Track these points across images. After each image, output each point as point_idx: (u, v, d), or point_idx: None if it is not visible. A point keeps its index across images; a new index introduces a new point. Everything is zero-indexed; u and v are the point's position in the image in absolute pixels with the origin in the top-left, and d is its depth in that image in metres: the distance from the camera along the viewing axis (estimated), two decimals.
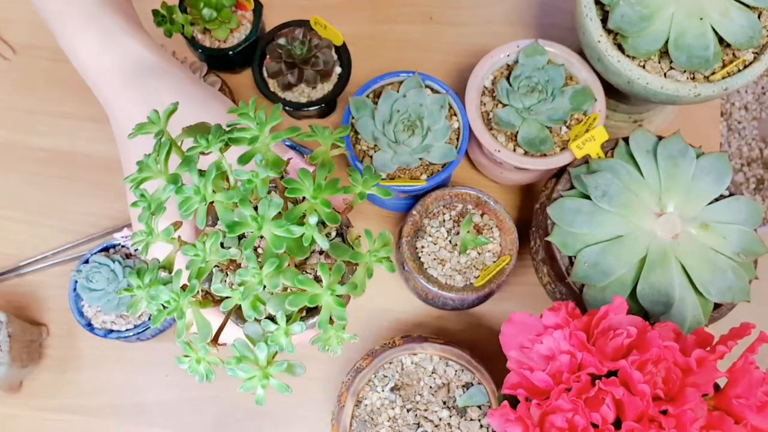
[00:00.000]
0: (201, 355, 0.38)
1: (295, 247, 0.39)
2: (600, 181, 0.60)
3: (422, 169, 0.69)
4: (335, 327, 0.40)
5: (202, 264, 0.39)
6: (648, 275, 0.58)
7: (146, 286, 0.38)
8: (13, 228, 0.77)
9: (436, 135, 0.68)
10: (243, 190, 0.39)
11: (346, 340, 0.40)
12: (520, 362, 0.49)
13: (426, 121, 0.68)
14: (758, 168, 1.64)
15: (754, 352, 0.46)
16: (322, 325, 0.39)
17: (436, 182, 0.68)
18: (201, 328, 0.39)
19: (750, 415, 0.45)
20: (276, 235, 0.37)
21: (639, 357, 0.45)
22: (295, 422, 0.72)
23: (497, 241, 0.68)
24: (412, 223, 0.68)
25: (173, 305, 0.38)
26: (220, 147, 0.40)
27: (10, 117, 0.79)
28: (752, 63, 0.63)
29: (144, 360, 0.73)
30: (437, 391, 0.64)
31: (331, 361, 0.73)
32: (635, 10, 0.62)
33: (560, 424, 0.44)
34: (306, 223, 0.38)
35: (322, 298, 0.38)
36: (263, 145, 0.40)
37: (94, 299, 0.66)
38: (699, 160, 0.62)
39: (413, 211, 0.68)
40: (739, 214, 0.61)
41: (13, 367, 0.67)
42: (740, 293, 0.59)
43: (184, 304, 0.38)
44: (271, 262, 0.37)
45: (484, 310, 0.74)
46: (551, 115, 0.69)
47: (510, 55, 0.71)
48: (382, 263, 0.41)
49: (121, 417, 0.71)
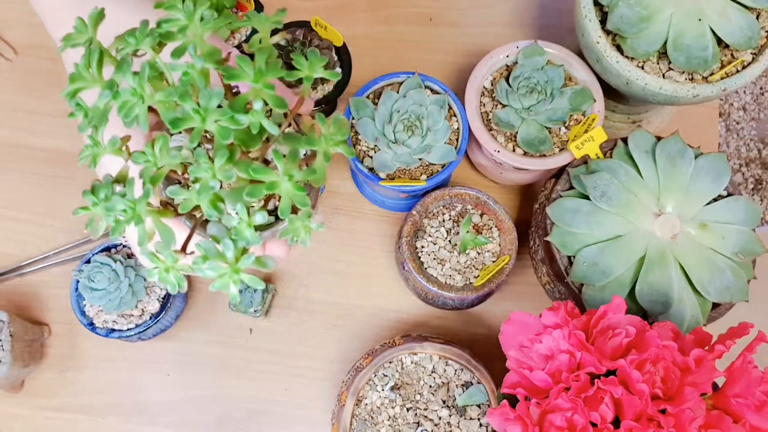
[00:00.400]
0: (169, 264, 0.37)
1: (245, 137, 0.39)
2: (599, 181, 0.60)
3: (422, 170, 0.69)
4: (300, 216, 0.38)
5: (154, 169, 0.38)
6: (647, 275, 0.58)
7: (101, 201, 0.37)
8: (15, 228, 0.77)
9: (436, 135, 0.69)
10: (181, 85, 0.37)
11: (314, 229, 0.39)
12: (519, 361, 0.49)
13: (426, 122, 0.68)
14: (756, 168, 1.64)
15: (753, 352, 0.46)
16: (285, 213, 0.38)
17: (436, 182, 0.68)
18: (163, 235, 0.38)
19: (748, 414, 0.45)
20: (222, 126, 0.36)
21: (638, 356, 0.46)
22: (295, 422, 0.72)
23: (497, 241, 0.69)
24: (412, 223, 0.68)
25: (130, 213, 0.37)
26: (151, 45, 0.38)
27: (11, 117, 0.80)
28: (751, 64, 0.63)
29: (145, 359, 0.73)
30: (437, 391, 0.64)
31: (331, 360, 0.73)
32: (634, 11, 0.62)
33: (559, 423, 0.45)
34: (252, 110, 0.37)
35: (281, 186, 0.37)
36: (196, 36, 0.39)
37: (95, 299, 0.66)
38: (697, 161, 0.62)
39: (413, 211, 0.68)
40: (738, 214, 0.61)
41: (15, 366, 0.67)
42: (738, 293, 0.59)
43: (141, 210, 0.37)
44: (221, 154, 0.36)
45: (483, 309, 0.74)
46: (550, 116, 0.69)
47: (509, 55, 0.71)
48: (338, 147, 0.39)
49: (122, 416, 0.72)
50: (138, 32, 0.38)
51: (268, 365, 0.73)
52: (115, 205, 0.37)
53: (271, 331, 0.74)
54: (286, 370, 0.73)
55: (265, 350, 0.74)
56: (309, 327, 0.74)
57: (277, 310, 0.75)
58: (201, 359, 0.73)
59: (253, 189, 0.37)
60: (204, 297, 0.75)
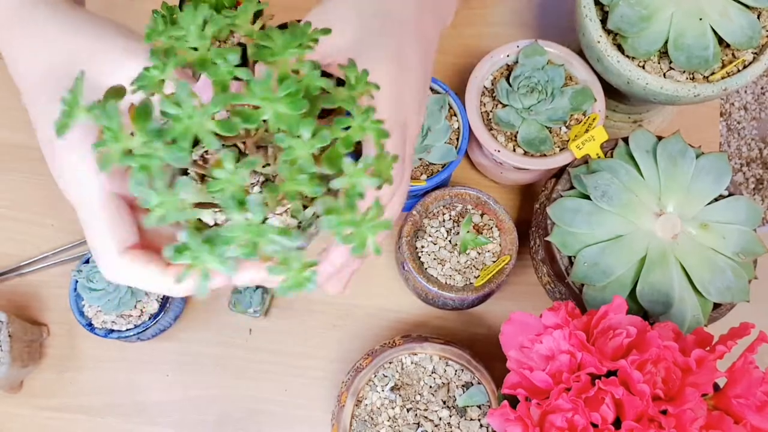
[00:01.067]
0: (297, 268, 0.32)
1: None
2: (600, 181, 0.60)
3: (422, 169, 0.69)
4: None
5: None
6: (647, 275, 0.58)
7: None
8: (14, 228, 0.77)
9: (436, 135, 0.68)
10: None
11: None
12: (520, 362, 0.49)
13: (426, 122, 0.68)
14: (757, 168, 1.64)
15: (754, 352, 0.46)
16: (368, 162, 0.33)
17: (436, 182, 0.68)
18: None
19: (749, 414, 0.45)
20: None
21: (639, 357, 0.45)
22: (295, 422, 0.72)
23: (497, 241, 0.69)
24: (412, 223, 0.68)
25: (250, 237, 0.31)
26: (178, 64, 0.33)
27: (11, 117, 0.79)
28: (751, 63, 0.63)
29: (144, 359, 0.73)
30: (437, 391, 0.64)
31: (331, 360, 0.73)
32: (635, 11, 0.62)
33: (560, 423, 0.44)
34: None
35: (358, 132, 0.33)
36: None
37: (94, 299, 0.66)
38: (698, 160, 0.62)
39: (413, 211, 0.68)
40: (739, 214, 0.61)
41: (14, 366, 0.67)
42: (740, 293, 0.59)
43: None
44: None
45: (484, 309, 0.74)
46: (551, 116, 0.69)
47: (510, 55, 0.71)
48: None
49: (121, 416, 0.71)
50: (158, 65, 0.33)
51: (267, 365, 0.73)
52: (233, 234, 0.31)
53: (270, 331, 0.74)
54: (286, 370, 0.73)
55: (264, 350, 0.73)
56: (309, 327, 0.74)
57: (277, 310, 0.75)
58: (200, 359, 0.73)
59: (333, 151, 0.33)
60: (203, 297, 0.75)
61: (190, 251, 0.31)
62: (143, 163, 0.30)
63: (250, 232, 0.31)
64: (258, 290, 0.71)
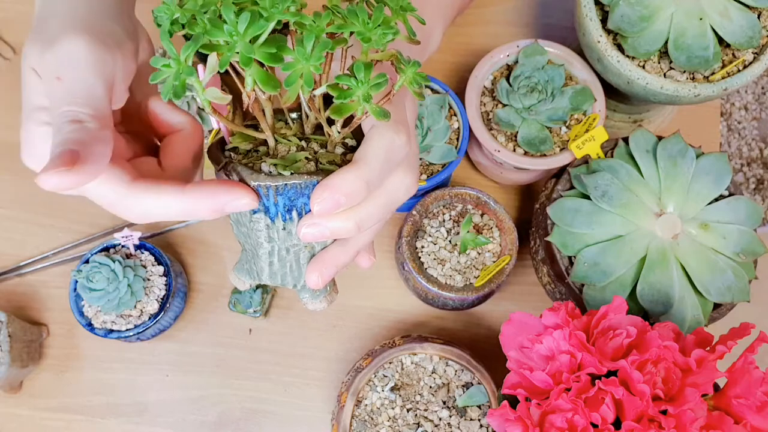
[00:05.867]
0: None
1: None
2: (600, 181, 0.60)
3: (422, 169, 0.69)
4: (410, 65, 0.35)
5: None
6: (648, 275, 0.58)
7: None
8: (14, 228, 0.77)
9: (436, 135, 0.68)
10: None
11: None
12: (519, 362, 0.49)
13: (426, 121, 0.68)
14: (758, 168, 1.64)
15: (754, 352, 0.46)
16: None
17: (436, 182, 0.68)
18: None
19: (749, 414, 0.45)
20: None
21: (639, 357, 0.45)
22: (294, 422, 0.72)
23: (497, 241, 0.68)
24: (412, 223, 0.68)
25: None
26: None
27: (10, 117, 0.79)
28: (752, 63, 0.63)
29: (144, 360, 0.73)
30: (437, 391, 0.64)
31: (331, 361, 0.73)
32: (635, 11, 0.62)
33: (560, 424, 0.44)
34: None
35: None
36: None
37: (94, 299, 0.66)
38: (699, 160, 0.62)
39: (413, 211, 0.68)
40: (739, 214, 0.61)
41: (14, 367, 0.67)
42: (740, 293, 0.59)
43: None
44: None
45: (484, 310, 0.74)
46: (551, 115, 0.69)
47: (510, 55, 0.71)
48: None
49: (121, 417, 0.71)
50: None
51: (267, 365, 0.73)
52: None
53: (270, 331, 0.74)
54: (286, 370, 0.73)
55: (264, 350, 0.73)
56: (309, 327, 0.74)
57: (277, 310, 0.75)
58: (200, 359, 0.73)
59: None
60: (203, 297, 0.75)
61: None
62: None
63: None
64: (258, 290, 0.71)
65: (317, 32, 0.32)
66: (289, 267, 0.41)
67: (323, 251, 0.41)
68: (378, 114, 0.34)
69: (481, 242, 0.67)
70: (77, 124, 0.34)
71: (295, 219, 0.38)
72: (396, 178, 0.38)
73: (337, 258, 0.41)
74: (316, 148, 0.39)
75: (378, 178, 0.36)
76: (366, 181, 0.35)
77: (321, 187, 0.35)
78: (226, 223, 0.77)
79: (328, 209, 0.35)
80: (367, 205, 0.37)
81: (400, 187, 0.39)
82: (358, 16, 0.33)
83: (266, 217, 0.38)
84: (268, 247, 0.39)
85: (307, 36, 0.32)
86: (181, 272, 0.73)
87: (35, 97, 0.37)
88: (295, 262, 0.40)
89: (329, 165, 0.38)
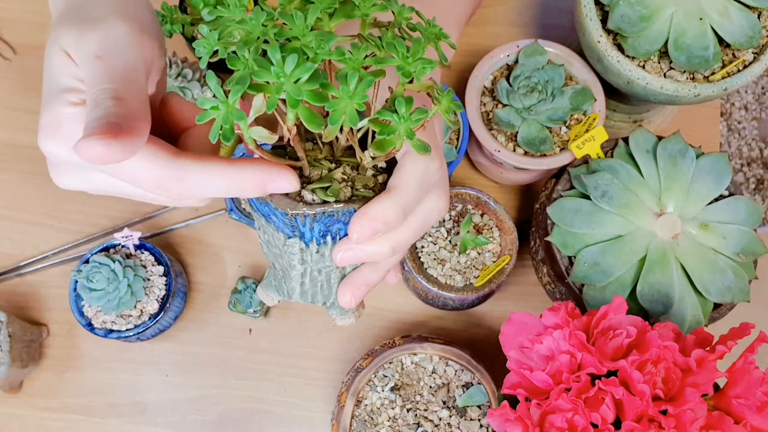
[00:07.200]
0: None
1: None
2: (600, 181, 0.60)
3: None
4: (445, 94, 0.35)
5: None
6: (648, 275, 0.58)
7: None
8: (14, 228, 0.77)
9: None
10: None
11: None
12: (519, 362, 0.49)
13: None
14: (758, 168, 1.64)
15: (754, 352, 0.46)
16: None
17: None
18: None
19: (750, 415, 0.45)
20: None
21: (639, 357, 0.45)
22: (295, 422, 0.72)
23: (497, 241, 0.68)
24: None
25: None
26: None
27: (10, 117, 0.79)
28: (752, 63, 0.63)
29: (144, 360, 0.73)
30: (437, 391, 0.64)
31: (330, 361, 0.73)
32: (635, 11, 0.62)
33: (560, 424, 0.44)
34: None
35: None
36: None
37: (94, 299, 0.66)
38: (699, 160, 0.62)
39: None
40: (739, 214, 0.61)
41: (14, 367, 0.67)
42: (740, 293, 0.59)
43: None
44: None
45: (484, 310, 0.74)
46: (551, 116, 0.69)
47: (510, 55, 0.71)
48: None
49: (121, 417, 0.71)
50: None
51: (267, 365, 0.73)
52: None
53: (270, 331, 0.74)
54: (286, 370, 0.73)
55: (264, 350, 0.73)
56: (309, 327, 0.74)
57: (277, 310, 0.74)
58: (200, 359, 0.73)
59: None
60: (203, 297, 0.75)
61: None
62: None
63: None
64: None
65: (356, 66, 0.32)
66: (320, 287, 0.42)
67: (355, 272, 0.41)
68: (419, 149, 0.34)
69: (481, 242, 0.67)
70: (118, 100, 0.34)
71: (329, 243, 0.38)
72: (430, 202, 0.39)
73: (369, 278, 0.41)
74: (348, 172, 0.39)
75: (413, 204, 0.37)
76: (403, 209, 0.36)
77: (359, 215, 0.36)
78: (226, 224, 0.77)
79: (366, 237, 0.36)
80: (403, 229, 0.38)
81: (434, 209, 0.40)
82: (398, 49, 0.33)
83: (301, 242, 0.38)
84: (300, 269, 0.40)
85: (351, 74, 0.32)
86: (181, 272, 0.73)
87: (64, 78, 0.37)
88: (326, 282, 0.41)
89: (364, 189, 0.38)
